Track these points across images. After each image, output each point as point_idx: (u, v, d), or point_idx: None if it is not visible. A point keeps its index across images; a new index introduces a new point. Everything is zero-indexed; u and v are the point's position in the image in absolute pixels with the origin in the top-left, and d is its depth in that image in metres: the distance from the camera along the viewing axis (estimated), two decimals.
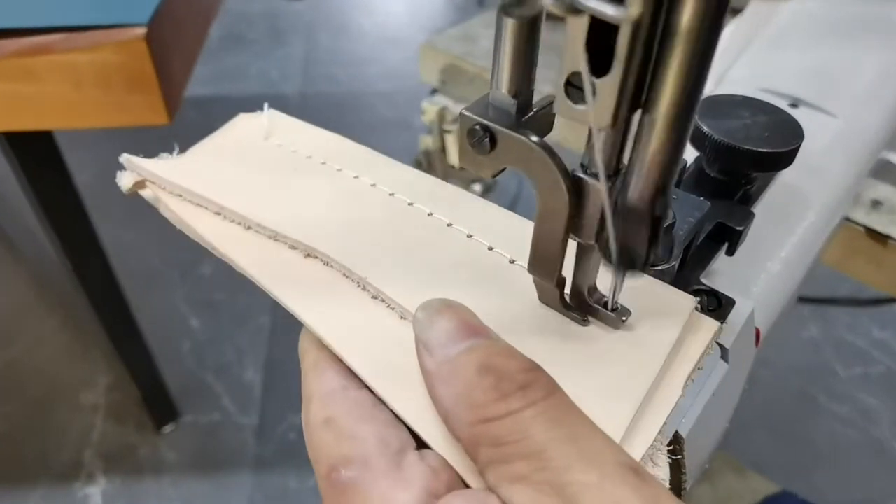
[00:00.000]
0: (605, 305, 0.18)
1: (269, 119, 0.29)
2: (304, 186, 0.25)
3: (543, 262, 0.17)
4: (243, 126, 0.29)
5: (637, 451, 0.16)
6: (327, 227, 0.22)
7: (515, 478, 0.14)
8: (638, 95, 0.13)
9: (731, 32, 0.48)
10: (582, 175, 0.15)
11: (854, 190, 0.29)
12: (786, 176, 0.26)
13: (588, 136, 0.14)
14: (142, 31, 0.42)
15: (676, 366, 0.18)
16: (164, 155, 0.27)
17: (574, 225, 0.15)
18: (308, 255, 0.22)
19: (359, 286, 0.21)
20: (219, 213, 0.24)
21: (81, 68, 0.43)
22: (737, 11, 0.46)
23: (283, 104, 2.00)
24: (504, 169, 0.16)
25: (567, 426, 0.14)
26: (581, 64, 0.12)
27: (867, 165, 0.30)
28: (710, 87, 0.41)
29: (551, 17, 0.14)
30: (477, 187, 0.55)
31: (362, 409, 0.17)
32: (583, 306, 0.18)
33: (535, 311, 0.19)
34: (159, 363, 1.01)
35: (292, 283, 0.21)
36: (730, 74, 0.35)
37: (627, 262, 0.15)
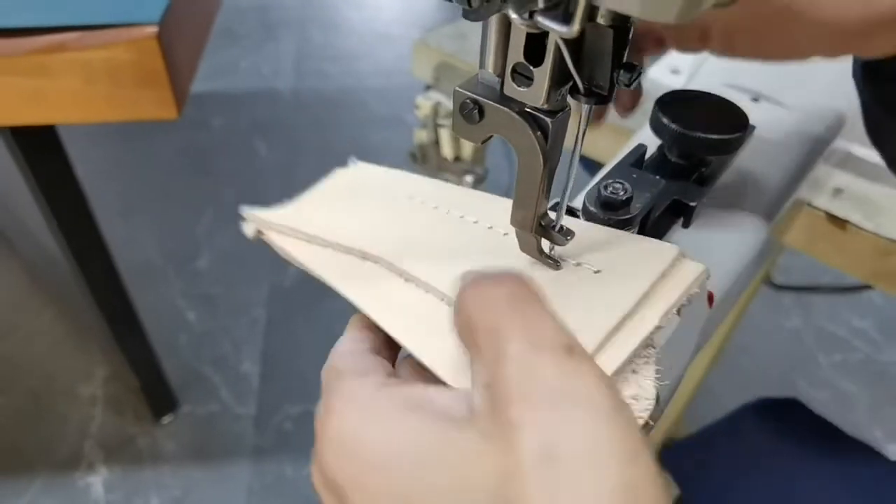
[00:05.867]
0: (553, 228, 0.21)
1: (361, 169, 0.34)
2: (405, 219, 0.28)
3: (523, 214, 0.20)
4: (341, 175, 0.34)
5: (613, 357, 0.19)
6: (411, 249, 0.26)
7: (476, 350, 0.17)
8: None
9: None
10: (537, 114, 0.18)
11: (806, 175, 0.32)
12: (743, 161, 0.29)
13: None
14: (153, 29, 0.44)
15: (658, 298, 0.21)
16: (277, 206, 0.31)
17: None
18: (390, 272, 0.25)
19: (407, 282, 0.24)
20: (327, 247, 0.28)
21: (95, 65, 0.45)
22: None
23: (276, 99, 2.01)
24: (491, 137, 0.19)
25: (520, 308, 0.17)
26: (521, 56, 0.16)
27: (818, 153, 0.33)
28: (684, 81, 0.44)
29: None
30: (469, 178, 0.58)
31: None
32: (536, 229, 0.21)
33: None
34: (157, 355, 1.04)
35: (371, 292, 0.25)
36: (701, 70, 0.38)
37: (595, 96, 0.17)
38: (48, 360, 1.19)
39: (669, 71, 0.55)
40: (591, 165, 0.69)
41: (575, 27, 0.14)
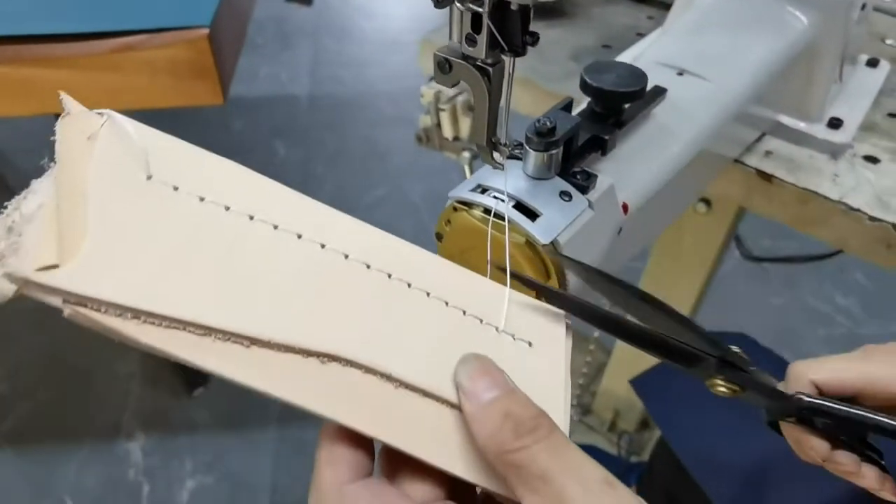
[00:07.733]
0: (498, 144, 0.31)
1: (134, 132, 0.22)
2: (256, 266, 0.22)
3: (478, 133, 0.30)
4: (104, 148, 0.21)
5: (565, 428, 0.24)
6: (320, 322, 0.22)
7: (532, 491, 0.21)
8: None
9: (660, 29, 0.60)
10: (483, 65, 0.28)
11: (717, 131, 0.41)
12: (661, 118, 0.38)
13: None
14: (205, 31, 0.55)
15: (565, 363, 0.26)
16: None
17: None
18: (309, 356, 0.21)
19: (381, 377, 0.23)
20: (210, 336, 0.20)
21: (157, 62, 0.56)
22: (667, 6, 0.59)
23: (293, 103, 2.11)
24: (459, 82, 0.29)
25: (562, 455, 0.21)
26: (469, 28, 0.27)
27: (728, 116, 0.42)
28: (630, 60, 0.54)
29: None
30: (466, 154, 0.68)
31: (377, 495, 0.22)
32: (488, 143, 0.31)
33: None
34: None
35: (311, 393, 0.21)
36: (645, 53, 0.48)
37: (514, 52, 0.27)
38: (89, 342, 1.29)
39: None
40: None
41: (486, 9, 0.25)
